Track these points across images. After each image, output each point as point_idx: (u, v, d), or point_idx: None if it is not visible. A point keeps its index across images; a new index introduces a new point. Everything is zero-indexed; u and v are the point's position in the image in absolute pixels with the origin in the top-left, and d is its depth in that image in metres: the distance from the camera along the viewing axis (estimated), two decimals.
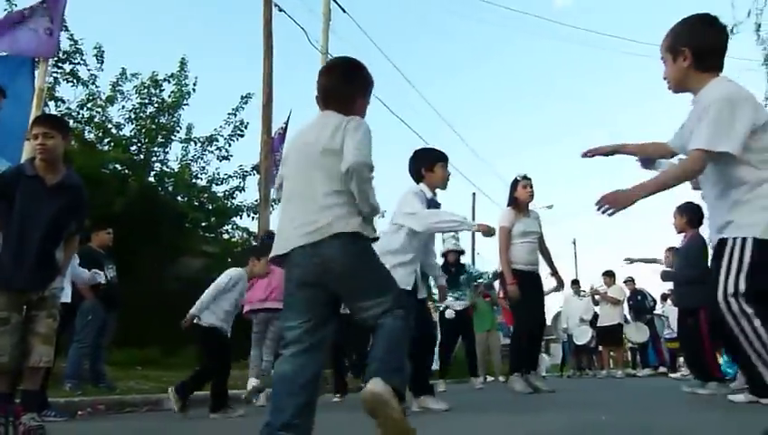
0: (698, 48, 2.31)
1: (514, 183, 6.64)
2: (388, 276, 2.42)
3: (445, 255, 8.81)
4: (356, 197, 2.29)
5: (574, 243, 38.91)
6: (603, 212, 2.26)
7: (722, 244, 2.24)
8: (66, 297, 4.94)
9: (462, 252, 9.05)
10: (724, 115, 2.15)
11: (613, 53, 68.84)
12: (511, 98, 74.79)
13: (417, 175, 4.86)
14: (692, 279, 5.70)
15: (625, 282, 12.75)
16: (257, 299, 6.24)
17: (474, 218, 26.88)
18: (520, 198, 6.55)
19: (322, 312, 2.32)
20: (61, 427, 4.36)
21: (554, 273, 6.97)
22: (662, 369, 12.21)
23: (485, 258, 10.31)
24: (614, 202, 2.24)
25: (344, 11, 13.65)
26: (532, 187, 6.58)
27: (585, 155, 2.72)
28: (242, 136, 12.29)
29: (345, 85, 2.51)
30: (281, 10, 11.72)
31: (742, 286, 2.09)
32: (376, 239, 2.39)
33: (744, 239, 2.16)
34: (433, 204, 4.75)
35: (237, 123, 12.30)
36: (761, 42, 10.57)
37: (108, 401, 5.74)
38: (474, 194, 27.09)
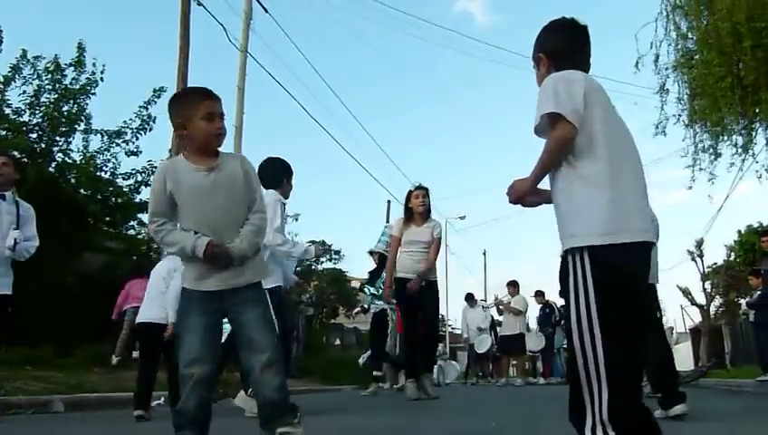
0: (552, 52, 2.33)
1: (409, 193, 6.77)
2: None
3: (372, 254, 9.04)
4: None
5: (484, 254, 40.03)
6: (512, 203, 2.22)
7: None
8: None
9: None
10: (560, 88, 2.11)
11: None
12: (430, 110, 76.06)
13: (275, 181, 4.91)
14: None
15: (536, 295, 13.26)
16: None
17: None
18: (412, 207, 6.68)
19: None
20: None
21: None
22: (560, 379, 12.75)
23: None
24: (513, 192, 2.20)
25: (266, 11, 13.54)
26: (424, 196, 6.67)
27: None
28: (150, 130, 11.88)
29: None
30: (199, 4, 11.45)
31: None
32: None
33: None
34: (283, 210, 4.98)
35: (145, 117, 11.86)
36: (658, 71, 11.24)
37: None
38: (389, 202, 27.36)
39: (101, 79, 11.52)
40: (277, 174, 4.97)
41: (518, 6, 71.53)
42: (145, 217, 11.96)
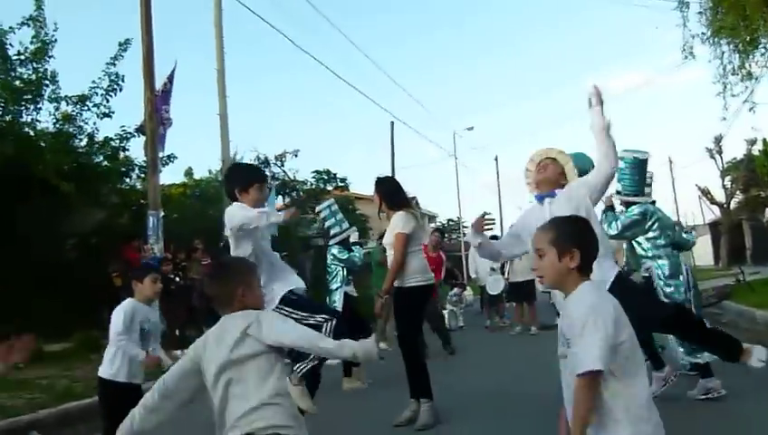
0: (587, 252, 2.22)
1: None
2: None
3: None
4: None
5: (496, 160, 39.29)
6: None
7: None
8: None
9: None
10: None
11: None
12: (427, 23, 73.10)
13: (231, 196, 4.35)
14: None
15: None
16: None
17: (394, 147, 26.80)
18: None
19: None
20: None
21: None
22: None
23: None
24: None
25: None
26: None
27: None
28: (120, 90, 10.94)
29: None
30: None
31: None
32: None
33: None
34: None
35: (113, 75, 10.89)
36: None
37: None
38: (392, 123, 27.27)
39: (54, 40, 10.45)
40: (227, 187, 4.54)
41: None
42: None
